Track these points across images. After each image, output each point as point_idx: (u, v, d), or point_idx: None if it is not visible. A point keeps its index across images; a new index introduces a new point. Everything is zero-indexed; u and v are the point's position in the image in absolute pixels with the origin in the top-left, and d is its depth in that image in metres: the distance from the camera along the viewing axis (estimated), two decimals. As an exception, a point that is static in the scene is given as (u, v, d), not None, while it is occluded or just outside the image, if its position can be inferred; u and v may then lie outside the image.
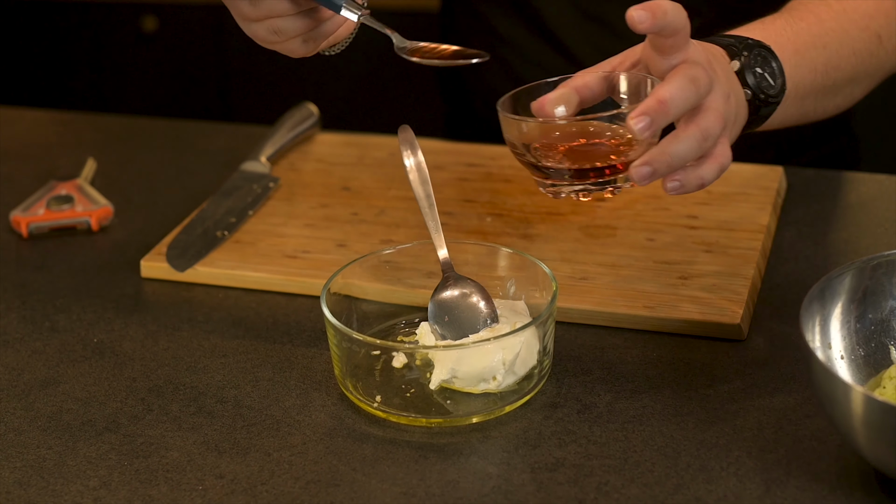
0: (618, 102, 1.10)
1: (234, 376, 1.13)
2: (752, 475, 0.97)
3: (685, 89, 1.01)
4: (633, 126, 1.00)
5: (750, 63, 1.14)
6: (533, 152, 1.08)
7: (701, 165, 1.04)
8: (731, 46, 1.15)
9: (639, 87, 1.08)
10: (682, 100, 1.01)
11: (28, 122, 1.73)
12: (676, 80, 1.01)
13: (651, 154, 1.02)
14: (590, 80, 1.10)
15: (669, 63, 1.04)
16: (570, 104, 1.09)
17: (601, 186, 1.07)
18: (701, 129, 1.02)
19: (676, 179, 1.03)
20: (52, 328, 1.21)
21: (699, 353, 1.12)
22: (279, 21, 1.12)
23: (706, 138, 1.03)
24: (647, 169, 1.01)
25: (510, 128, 1.09)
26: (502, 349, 1.05)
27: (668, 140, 1.02)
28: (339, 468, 1.01)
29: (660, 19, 1.01)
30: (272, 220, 1.35)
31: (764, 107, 1.16)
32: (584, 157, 1.06)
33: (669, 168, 1.02)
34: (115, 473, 1.01)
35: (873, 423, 0.90)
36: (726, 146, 1.06)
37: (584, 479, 0.98)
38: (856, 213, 1.36)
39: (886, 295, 1.04)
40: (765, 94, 1.15)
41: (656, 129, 1.00)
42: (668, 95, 1.00)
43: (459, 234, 1.30)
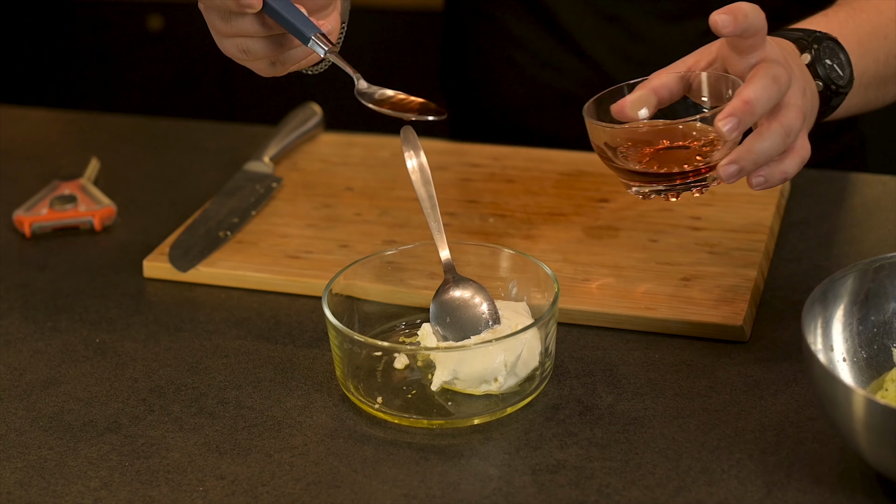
0: (693, 101, 1.12)
1: (235, 377, 1.13)
2: (754, 477, 0.97)
3: (769, 88, 1.04)
4: (721, 128, 1.03)
5: (820, 55, 1.17)
6: (619, 156, 1.10)
7: (783, 160, 1.08)
8: (800, 40, 1.18)
9: (720, 87, 1.11)
10: (767, 99, 1.04)
11: (32, 121, 1.73)
12: (759, 79, 1.04)
13: (738, 153, 1.05)
14: (667, 80, 1.12)
15: (748, 62, 1.08)
16: (650, 105, 1.12)
17: (687, 187, 1.10)
18: (783, 126, 1.06)
19: (761, 175, 1.07)
20: (54, 328, 1.21)
21: (701, 355, 1.12)
22: (248, 41, 1.13)
23: (789, 134, 1.06)
24: (735, 167, 1.05)
25: (596, 134, 1.11)
26: (504, 351, 1.05)
27: (752, 138, 1.06)
28: (340, 469, 1.01)
29: (741, 22, 1.04)
30: (275, 220, 1.35)
31: (834, 97, 1.18)
32: (671, 158, 1.09)
33: (755, 165, 1.06)
34: (116, 474, 1.01)
35: (875, 426, 0.89)
36: (805, 140, 1.10)
37: (585, 482, 0.98)
38: (860, 215, 1.36)
39: (889, 297, 1.04)
40: (835, 84, 1.18)
41: (743, 128, 1.04)
42: (753, 96, 1.03)
43: (462, 234, 1.30)
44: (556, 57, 1.59)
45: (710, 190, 1.32)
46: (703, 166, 1.09)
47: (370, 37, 2.75)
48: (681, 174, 1.09)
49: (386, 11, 2.79)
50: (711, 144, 1.08)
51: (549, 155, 1.46)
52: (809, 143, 1.10)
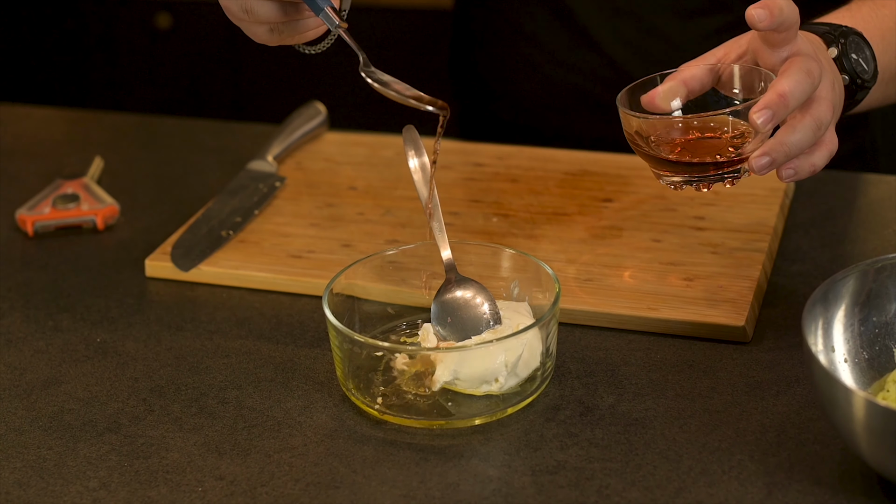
0: (722, 93, 1.14)
1: (236, 377, 1.12)
2: (754, 479, 0.97)
3: (802, 82, 1.06)
4: (756, 120, 1.05)
5: (846, 49, 1.19)
6: (651, 145, 1.11)
7: (813, 153, 1.10)
8: (827, 34, 1.19)
9: (752, 80, 1.12)
10: (801, 92, 1.06)
11: (36, 119, 1.73)
12: (793, 73, 1.06)
13: (770, 145, 1.07)
14: (697, 71, 1.13)
15: (780, 56, 1.09)
16: (680, 96, 1.14)
17: (720, 178, 1.11)
18: (815, 119, 1.08)
19: (791, 167, 1.09)
20: (55, 327, 1.21)
21: (703, 356, 1.12)
22: (253, 1, 1.12)
23: (820, 127, 1.08)
24: (767, 159, 1.06)
25: (629, 123, 1.12)
26: (504, 351, 1.04)
27: (784, 131, 1.07)
28: (340, 470, 1.00)
29: (777, 17, 1.06)
30: (277, 219, 1.35)
31: (859, 91, 1.20)
32: (703, 149, 1.10)
33: (787, 157, 1.07)
34: (115, 474, 1.01)
35: (875, 428, 0.89)
36: (833, 133, 1.12)
37: (585, 482, 0.98)
38: (864, 215, 1.35)
39: (891, 298, 1.03)
40: (861, 78, 1.19)
41: (777, 121, 1.06)
42: (787, 89, 1.05)
43: (465, 234, 1.30)
44: (569, 53, 1.58)
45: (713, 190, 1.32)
46: (735, 157, 1.10)
47: (380, 35, 2.75)
48: (714, 164, 1.10)
49: (395, 9, 2.79)
50: (742, 136, 1.09)
51: (554, 154, 1.46)
52: (837, 136, 1.12)
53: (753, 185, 1.35)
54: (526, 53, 1.62)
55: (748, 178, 1.11)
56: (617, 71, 1.55)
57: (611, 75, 1.55)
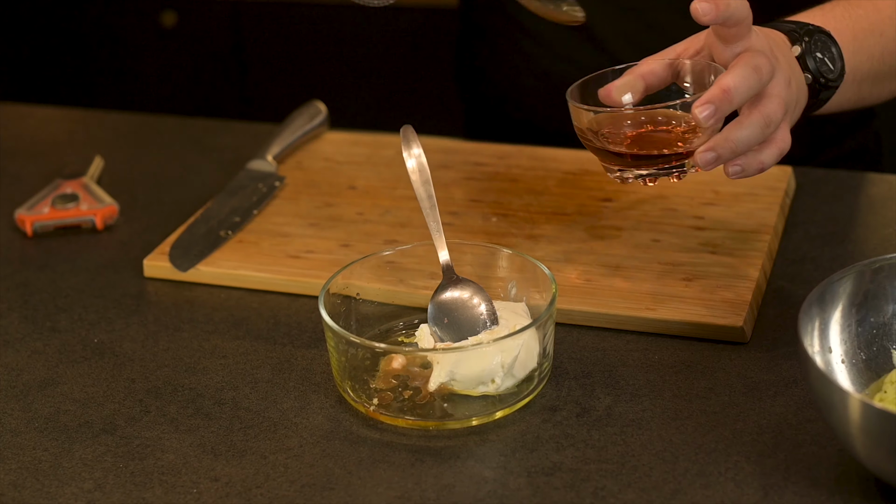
0: (682, 88, 1.13)
1: (233, 378, 1.12)
2: (750, 480, 0.96)
3: (748, 78, 1.05)
4: (699, 114, 1.04)
5: (810, 48, 1.18)
6: (601, 139, 1.11)
7: (762, 150, 1.08)
8: (792, 32, 1.19)
9: (703, 74, 1.12)
10: (746, 88, 1.05)
11: (37, 119, 1.73)
12: (739, 68, 1.05)
13: (715, 140, 1.06)
14: (655, 66, 1.13)
15: (732, 51, 1.08)
16: (636, 91, 1.13)
17: (667, 172, 1.10)
18: (763, 116, 1.06)
19: (738, 164, 1.08)
20: (52, 328, 1.21)
21: (701, 356, 1.11)
22: None
23: (768, 124, 1.07)
24: (712, 154, 1.06)
25: (579, 116, 1.12)
26: (501, 352, 1.04)
27: (732, 126, 1.06)
28: (335, 471, 1.00)
29: (723, 11, 1.05)
30: (277, 219, 1.35)
31: (823, 91, 1.19)
32: (651, 143, 1.10)
33: (733, 154, 1.06)
34: (111, 476, 1.01)
35: (871, 430, 0.88)
36: (786, 131, 1.10)
37: (581, 484, 0.97)
38: (865, 215, 1.35)
39: (888, 298, 1.03)
40: (825, 78, 1.18)
41: (720, 116, 1.05)
42: (731, 84, 1.04)
43: (464, 233, 1.30)
44: (572, 51, 1.58)
45: (712, 189, 1.32)
46: (682, 151, 1.09)
47: (385, 32, 2.74)
48: (659, 157, 1.09)
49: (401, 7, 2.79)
50: (693, 132, 1.08)
51: (554, 154, 1.45)
52: (790, 136, 1.10)
53: (754, 185, 1.34)
54: (529, 50, 1.62)
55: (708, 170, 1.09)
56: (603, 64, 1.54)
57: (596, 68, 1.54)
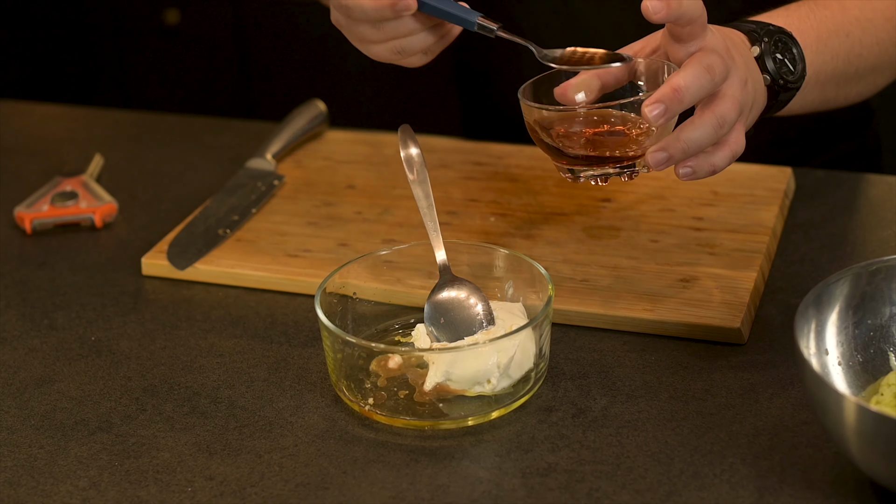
0: (638, 87, 1.12)
1: (229, 376, 1.12)
2: (746, 482, 0.96)
3: (700, 77, 1.03)
4: (648, 113, 1.02)
5: (770, 49, 1.16)
6: (553, 138, 1.09)
7: (714, 152, 1.06)
8: (752, 32, 1.17)
9: (657, 73, 1.10)
10: (697, 87, 1.03)
11: (38, 116, 1.73)
12: (691, 68, 1.03)
13: (667, 140, 1.04)
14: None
15: (687, 50, 1.06)
16: (592, 89, 1.11)
17: (619, 172, 1.09)
18: (716, 116, 1.04)
19: (689, 166, 1.06)
20: (50, 326, 1.21)
21: (698, 357, 1.11)
22: (404, 41, 1.13)
23: (721, 125, 1.05)
24: (663, 155, 1.04)
25: (530, 114, 1.10)
26: (497, 352, 1.04)
27: (683, 127, 1.04)
28: (330, 471, 1.00)
29: (675, 10, 1.03)
30: (275, 218, 1.35)
31: (783, 92, 1.17)
32: (603, 143, 1.08)
33: (685, 154, 1.04)
34: (106, 474, 1.01)
35: (866, 433, 0.88)
36: (741, 133, 1.08)
37: (576, 485, 0.97)
38: (864, 216, 1.35)
39: (886, 301, 1.03)
40: (784, 79, 1.17)
41: (670, 116, 1.03)
42: (682, 83, 1.02)
43: (462, 233, 1.30)
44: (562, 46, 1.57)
45: (712, 190, 1.32)
46: (635, 150, 1.08)
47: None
48: (610, 159, 1.08)
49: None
50: (646, 131, 1.07)
51: (554, 153, 1.45)
52: (745, 138, 1.09)
53: (753, 186, 1.34)
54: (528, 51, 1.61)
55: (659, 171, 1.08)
56: None
57: None
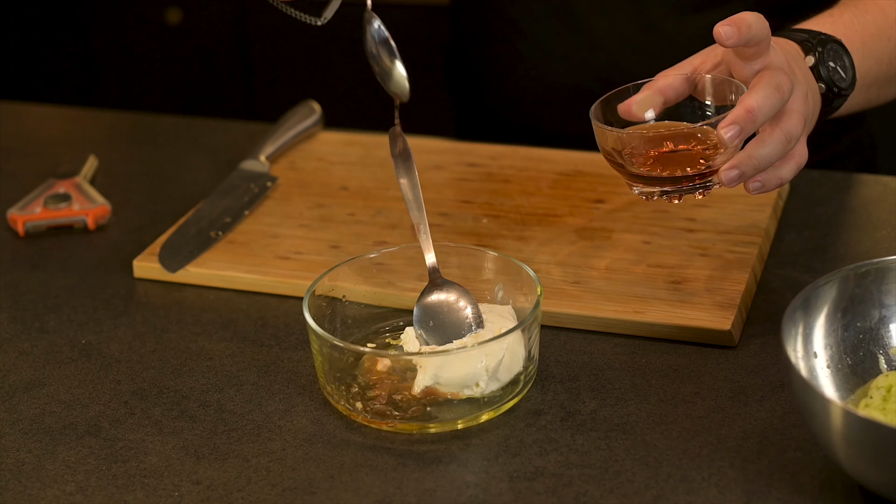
0: (699, 101, 1.14)
1: (218, 380, 1.12)
2: (733, 486, 0.96)
3: (771, 97, 1.06)
4: (724, 135, 1.05)
5: (823, 58, 1.19)
6: (625, 157, 1.11)
7: (781, 166, 1.10)
8: (805, 42, 1.20)
9: (724, 91, 1.12)
10: (769, 107, 1.06)
11: (34, 117, 1.73)
12: (762, 88, 1.06)
13: (739, 158, 1.07)
14: (673, 81, 1.13)
15: (752, 69, 1.09)
16: (655, 105, 1.14)
17: (691, 189, 1.11)
18: (784, 133, 1.08)
19: (758, 181, 1.09)
20: (41, 328, 1.21)
21: (689, 360, 1.11)
22: None
23: (789, 141, 1.08)
24: (736, 172, 1.07)
25: (603, 137, 1.12)
26: (485, 355, 1.04)
27: (754, 144, 1.07)
28: (317, 475, 1.00)
29: (745, 34, 1.06)
30: (267, 220, 1.34)
31: (836, 99, 1.20)
32: (674, 162, 1.10)
33: (756, 171, 1.08)
34: (93, 478, 1.01)
35: (852, 438, 0.88)
36: (804, 145, 1.12)
37: (563, 489, 0.97)
38: (858, 216, 1.34)
39: (875, 303, 1.02)
40: (837, 87, 1.20)
41: (745, 136, 1.06)
42: (755, 104, 1.05)
43: (454, 235, 1.29)
44: (567, 50, 1.57)
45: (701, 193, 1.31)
46: (704, 170, 1.09)
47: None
48: (684, 178, 1.10)
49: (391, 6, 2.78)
50: (714, 148, 1.09)
51: (548, 154, 1.45)
52: (807, 149, 1.11)
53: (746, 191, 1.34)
54: (524, 51, 1.61)
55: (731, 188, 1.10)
56: (613, 67, 1.54)
57: (606, 72, 1.54)
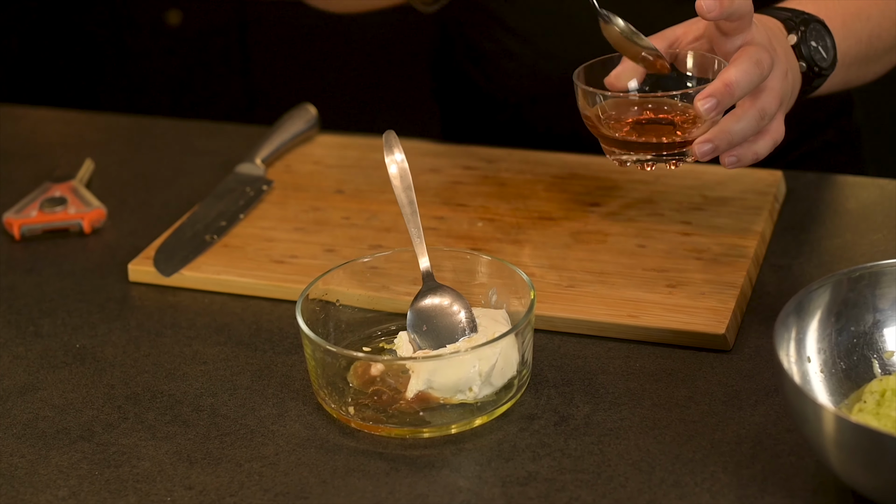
0: (681, 74, 1.16)
1: (212, 384, 1.12)
2: (726, 491, 0.96)
3: (750, 73, 1.08)
4: (701, 107, 1.07)
5: (806, 37, 1.20)
6: (603, 122, 1.13)
7: (756, 141, 1.12)
8: (788, 20, 1.21)
9: (705, 65, 1.15)
10: (747, 82, 1.08)
11: (32, 120, 1.73)
12: (742, 63, 1.08)
13: (713, 132, 1.09)
14: None
15: (733, 44, 1.11)
16: (638, 75, 1.17)
17: (665, 159, 1.13)
18: (759, 110, 1.10)
19: (734, 155, 1.11)
20: (35, 333, 1.21)
21: (683, 364, 1.11)
22: None
23: (763, 117, 1.10)
24: (709, 146, 1.09)
25: (584, 98, 1.14)
26: (478, 360, 1.03)
27: (728, 119, 1.10)
28: (309, 480, 1.00)
29: (727, 7, 1.07)
30: (262, 223, 1.34)
31: (816, 78, 1.22)
32: (652, 130, 1.12)
33: (729, 145, 1.10)
34: (85, 483, 1.01)
35: (844, 443, 0.88)
36: (780, 122, 1.14)
37: (555, 494, 0.97)
38: (854, 219, 1.34)
39: (869, 307, 1.02)
40: (818, 66, 1.21)
41: (721, 109, 1.08)
42: (734, 79, 1.07)
43: (449, 238, 1.29)
44: (555, 46, 1.56)
45: (701, 194, 1.31)
46: (680, 140, 1.11)
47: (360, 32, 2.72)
48: (659, 145, 1.12)
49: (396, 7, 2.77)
50: (692, 121, 1.11)
51: (543, 157, 1.44)
52: (784, 126, 1.14)
53: (743, 190, 1.34)
54: (513, 48, 1.60)
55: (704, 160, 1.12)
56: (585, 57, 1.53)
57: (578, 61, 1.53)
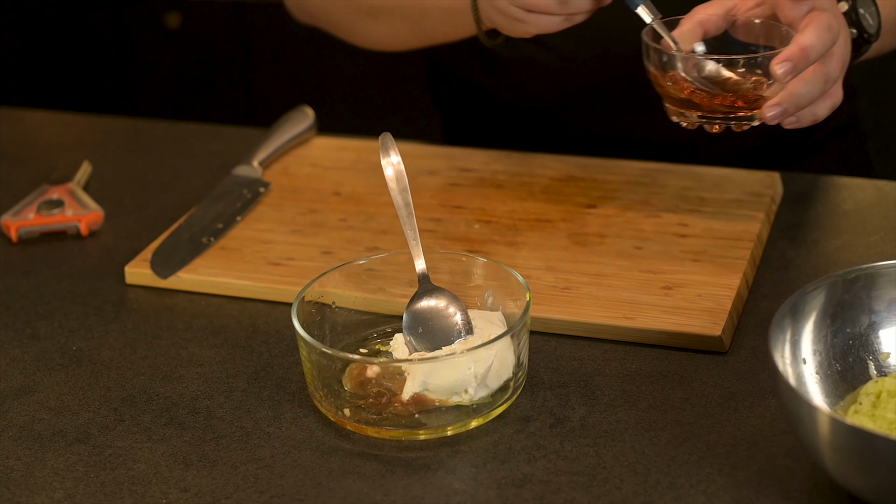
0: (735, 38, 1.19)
1: (208, 386, 1.12)
2: (721, 493, 0.96)
3: (824, 38, 1.11)
4: (777, 70, 1.10)
5: (856, 4, 1.23)
6: (668, 84, 1.16)
7: (816, 103, 1.16)
8: None
9: (771, 33, 1.18)
10: (822, 47, 1.11)
11: (30, 122, 1.73)
12: (816, 28, 1.11)
13: (782, 96, 1.13)
14: (713, 14, 1.18)
15: (801, 10, 1.14)
16: (697, 37, 1.19)
17: (730, 121, 1.16)
18: (825, 74, 1.14)
19: (795, 116, 1.15)
20: (32, 335, 1.21)
21: (679, 366, 1.11)
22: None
23: (828, 81, 1.14)
24: (779, 109, 1.13)
25: (653, 56, 1.16)
26: (474, 362, 1.03)
27: (797, 83, 1.13)
28: (305, 482, 1.00)
29: None
30: (259, 225, 1.34)
31: (864, 45, 1.24)
32: (719, 94, 1.16)
33: (797, 108, 1.14)
34: (81, 486, 1.01)
35: (839, 446, 0.88)
36: (840, 86, 1.17)
37: (551, 496, 0.97)
38: (851, 221, 1.34)
39: (865, 309, 1.02)
40: (867, 33, 1.24)
41: (797, 73, 1.11)
42: (809, 43, 1.10)
43: (445, 240, 1.29)
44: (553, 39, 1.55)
45: (698, 196, 1.31)
46: (748, 100, 1.15)
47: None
48: (730, 108, 1.15)
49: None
50: (758, 84, 1.14)
51: (541, 160, 1.44)
52: (842, 90, 1.16)
53: (741, 192, 1.34)
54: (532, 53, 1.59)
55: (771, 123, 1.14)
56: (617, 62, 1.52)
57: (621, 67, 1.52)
